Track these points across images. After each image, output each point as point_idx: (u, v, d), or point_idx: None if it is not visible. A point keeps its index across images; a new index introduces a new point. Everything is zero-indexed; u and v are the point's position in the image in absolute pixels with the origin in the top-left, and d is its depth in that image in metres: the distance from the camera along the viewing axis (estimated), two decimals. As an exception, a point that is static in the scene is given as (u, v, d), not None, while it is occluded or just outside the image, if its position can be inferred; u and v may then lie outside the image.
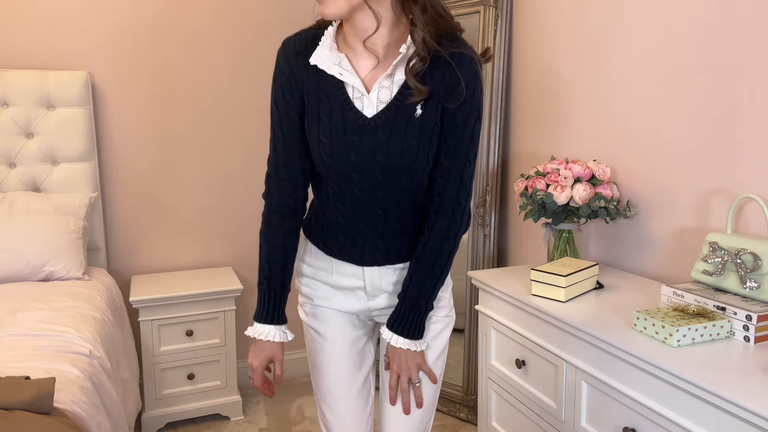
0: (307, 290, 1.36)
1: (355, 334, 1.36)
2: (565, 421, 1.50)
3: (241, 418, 2.59)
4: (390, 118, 1.14)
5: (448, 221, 1.21)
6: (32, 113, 2.38)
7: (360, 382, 1.36)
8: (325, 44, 1.16)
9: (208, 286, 2.49)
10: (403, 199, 1.22)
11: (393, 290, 1.31)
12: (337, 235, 1.29)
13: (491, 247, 2.41)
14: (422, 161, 1.17)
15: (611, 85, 1.91)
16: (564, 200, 1.77)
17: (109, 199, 2.62)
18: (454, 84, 1.13)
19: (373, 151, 1.15)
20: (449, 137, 1.16)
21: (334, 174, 1.21)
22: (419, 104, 1.13)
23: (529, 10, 2.25)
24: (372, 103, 1.14)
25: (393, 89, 1.14)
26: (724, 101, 1.57)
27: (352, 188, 1.21)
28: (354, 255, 1.28)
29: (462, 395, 2.52)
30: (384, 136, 1.14)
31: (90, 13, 2.51)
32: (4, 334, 1.69)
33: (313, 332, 1.36)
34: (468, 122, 1.16)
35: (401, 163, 1.16)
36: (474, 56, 1.14)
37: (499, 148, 2.37)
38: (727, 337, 1.31)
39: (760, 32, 1.47)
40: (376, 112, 1.14)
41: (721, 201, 1.60)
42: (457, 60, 1.12)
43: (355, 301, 1.32)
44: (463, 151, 1.17)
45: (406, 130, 1.14)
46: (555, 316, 1.49)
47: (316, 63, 1.15)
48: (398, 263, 1.29)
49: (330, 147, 1.17)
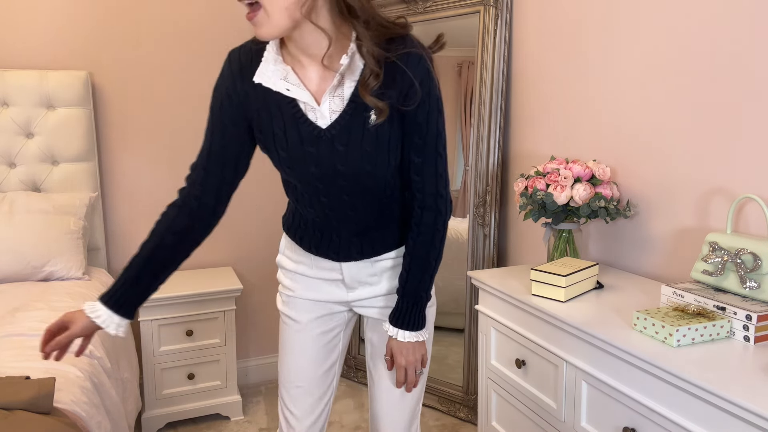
0: (288, 282, 1.40)
1: (328, 326, 1.40)
2: (565, 421, 1.50)
3: (241, 418, 2.59)
4: (345, 127, 1.14)
5: (434, 214, 1.23)
6: (32, 113, 2.38)
7: (321, 372, 1.40)
8: (269, 59, 1.14)
9: (208, 286, 2.49)
10: (372, 199, 1.24)
11: (371, 282, 1.35)
12: (313, 232, 1.31)
13: (491, 247, 2.41)
14: (383, 166, 1.17)
15: (611, 85, 1.91)
16: (564, 200, 1.77)
17: (109, 199, 2.62)
18: (407, 86, 1.12)
19: (332, 161, 1.16)
20: (416, 137, 1.17)
21: (298, 184, 1.23)
22: (373, 111, 1.12)
23: (529, 10, 2.25)
24: (324, 114, 1.14)
25: (344, 97, 1.13)
26: (724, 101, 1.57)
27: (318, 195, 1.24)
28: (330, 252, 1.31)
29: (462, 395, 2.52)
30: (341, 145, 1.14)
31: (90, 13, 2.51)
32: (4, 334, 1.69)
33: (286, 318, 1.40)
34: (430, 119, 1.16)
35: (362, 170, 1.17)
36: (423, 53, 1.13)
37: (499, 148, 2.37)
38: (727, 337, 1.31)
39: (760, 32, 1.47)
40: (330, 123, 1.14)
41: (721, 201, 1.60)
42: (407, 61, 1.11)
43: (335, 290, 1.37)
44: (432, 147, 1.18)
45: (363, 137, 1.14)
46: (555, 316, 1.49)
47: (261, 81, 1.13)
48: (374, 256, 1.32)
49: (289, 159, 1.18)
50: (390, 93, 1.12)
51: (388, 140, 1.16)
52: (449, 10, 2.46)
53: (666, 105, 1.73)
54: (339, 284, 1.36)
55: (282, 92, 1.13)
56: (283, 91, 1.13)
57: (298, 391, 1.40)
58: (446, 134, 1.22)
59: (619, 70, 1.88)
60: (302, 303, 1.38)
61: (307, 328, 1.38)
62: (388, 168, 1.19)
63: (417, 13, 2.55)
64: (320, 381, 1.41)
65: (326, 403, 1.43)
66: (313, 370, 1.39)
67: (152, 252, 1.21)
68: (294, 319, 1.39)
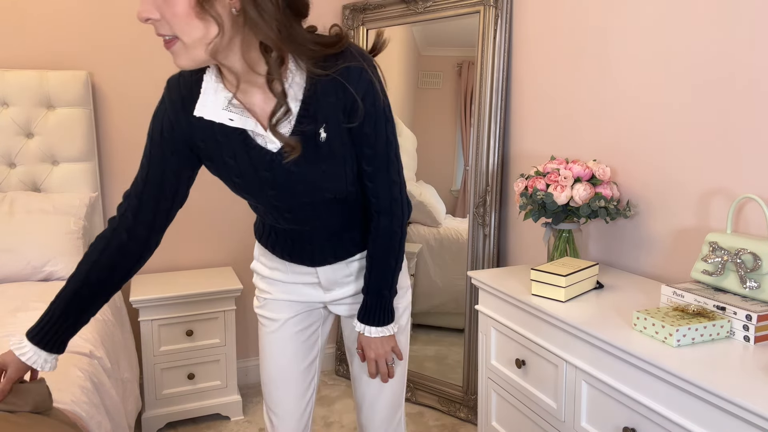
0: (264, 285, 1.41)
1: (305, 323, 1.42)
2: (565, 421, 1.50)
3: (241, 418, 2.59)
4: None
5: (390, 217, 1.24)
6: (32, 113, 2.38)
7: (301, 369, 1.41)
8: (209, 89, 1.08)
9: (208, 286, 2.49)
10: (336, 206, 1.25)
11: (347, 281, 1.37)
12: (284, 241, 1.32)
13: (491, 247, 2.41)
14: (340, 180, 1.17)
15: (611, 84, 1.91)
16: (564, 200, 1.77)
17: (109, 199, 2.62)
18: (350, 102, 1.10)
19: (289, 183, 1.14)
20: (366, 147, 1.16)
21: (259, 205, 1.23)
22: (322, 128, 1.10)
23: (529, 10, 2.25)
24: (273, 138, 1.10)
25: (291, 119, 1.09)
26: (724, 101, 1.57)
27: (281, 212, 1.24)
28: (304, 258, 1.32)
29: (462, 395, 2.52)
30: (295, 167, 1.12)
31: (90, 13, 2.51)
32: (4, 334, 1.69)
33: (264, 320, 1.42)
34: (378, 128, 1.14)
35: (320, 187, 1.16)
36: (362, 64, 1.09)
37: (499, 148, 2.37)
38: (727, 337, 1.31)
39: (760, 32, 1.47)
40: (281, 146, 1.10)
41: (721, 201, 1.60)
42: (347, 76, 1.08)
43: (312, 292, 1.38)
44: (383, 155, 1.17)
45: (316, 155, 1.12)
46: (555, 316, 1.49)
47: (202, 114, 1.08)
48: (348, 258, 1.34)
49: (245, 186, 1.17)
50: (334, 111, 1.09)
51: (342, 154, 1.14)
52: (449, 10, 2.46)
53: (666, 105, 1.73)
54: (315, 287, 1.38)
55: (225, 123, 1.08)
56: (227, 121, 1.08)
57: (279, 391, 1.41)
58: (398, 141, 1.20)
59: (619, 70, 1.88)
60: (279, 303, 1.40)
61: (284, 327, 1.40)
62: (346, 180, 1.18)
63: (417, 13, 2.55)
64: (301, 378, 1.42)
65: (308, 400, 1.44)
66: (293, 368, 1.40)
67: (79, 288, 1.14)
68: (271, 318, 1.40)
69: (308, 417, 1.45)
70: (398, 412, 1.46)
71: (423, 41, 2.63)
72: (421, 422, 2.54)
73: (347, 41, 1.09)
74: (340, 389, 2.86)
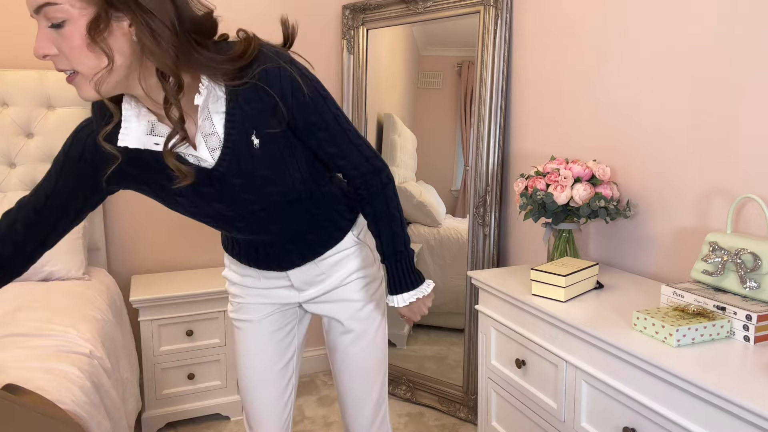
0: (237, 290, 1.41)
1: (280, 323, 1.42)
2: (565, 421, 1.50)
3: (241, 417, 2.59)
4: (232, 160, 1.09)
5: (375, 174, 1.25)
6: (32, 113, 2.38)
7: (278, 369, 1.42)
8: (130, 116, 1.06)
9: (208, 286, 2.49)
10: (290, 208, 1.23)
11: (320, 280, 1.37)
12: (248, 250, 1.33)
13: (491, 247, 2.41)
14: (286, 180, 1.15)
15: (611, 84, 1.91)
16: (564, 200, 1.77)
17: (109, 199, 2.62)
18: (274, 103, 1.08)
19: (233, 195, 1.13)
20: (320, 133, 1.15)
21: (208, 219, 1.20)
22: (253, 135, 1.08)
23: (529, 10, 2.25)
24: (205, 156, 1.08)
25: (219, 133, 1.07)
26: (724, 101, 1.57)
27: (234, 223, 1.22)
28: (272, 264, 1.33)
29: (462, 395, 2.52)
30: (235, 178, 1.11)
31: (90, 13, 2.51)
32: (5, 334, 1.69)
33: (238, 323, 1.42)
34: (321, 111, 1.13)
35: (265, 192, 1.14)
36: (279, 63, 1.07)
37: (499, 148, 2.37)
38: (727, 337, 1.31)
39: (760, 32, 1.47)
40: (215, 161, 1.09)
41: (721, 201, 1.60)
42: (266, 80, 1.06)
43: (286, 293, 1.39)
44: (338, 130, 1.17)
45: (254, 163, 1.10)
46: (555, 316, 1.49)
47: (126, 144, 1.05)
48: (315, 258, 1.33)
49: (189, 204, 1.15)
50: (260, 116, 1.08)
51: (281, 156, 1.13)
52: (449, 10, 2.46)
53: (666, 104, 1.73)
54: (289, 288, 1.38)
55: (152, 149, 1.06)
56: (152, 147, 1.06)
57: (257, 391, 1.41)
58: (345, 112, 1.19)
59: (619, 69, 1.88)
60: (253, 306, 1.40)
61: (259, 327, 1.40)
62: (293, 180, 1.17)
63: (417, 13, 2.55)
64: (278, 378, 1.41)
65: (287, 400, 1.44)
66: (270, 368, 1.41)
67: None
68: (246, 320, 1.40)
69: (288, 418, 1.45)
70: (382, 407, 1.46)
71: (423, 41, 2.63)
72: (421, 422, 2.54)
73: (257, 45, 1.06)
74: (340, 389, 2.86)
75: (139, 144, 1.06)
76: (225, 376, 2.55)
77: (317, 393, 2.82)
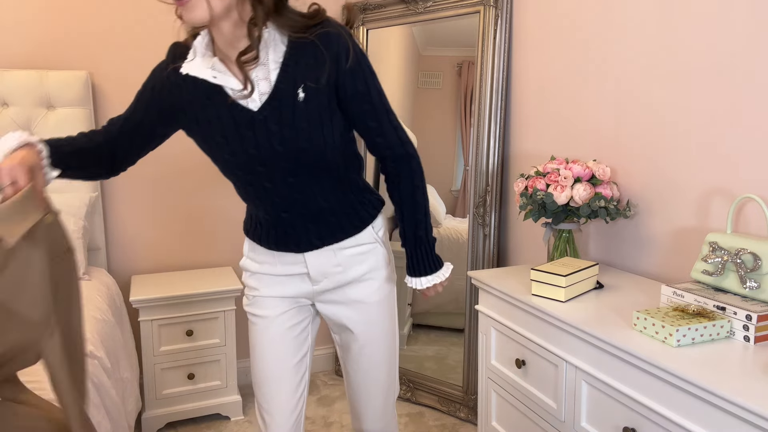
0: (253, 282, 1.44)
1: (295, 320, 1.44)
2: (565, 421, 1.50)
3: (241, 418, 2.59)
4: (275, 107, 1.20)
5: (407, 159, 1.32)
6: (32, 113, 2.38)
7: (293, 365, 1.43)
8: (197, 51, 1.21)
9: (208, 286, 2.49)
10: (318, 180, 1.28)
11: (336, 272, 1.39)
12: (269, 230, 1.37)
13: (491, 247, 2.41)
14: (319, 141, 1.23)
15: (611, 84, 1.91)
16: (564, 200, 1.77)
17: (109, 199, 2.62)
18: (326, 63, 1.20)
19: (269, 141, 1.21)
20: (364, 104, 1.25)
21: (240, 172, 1.27)
22: (300, 88, 1.19)
23: (529, 10, 2.25)
24: (254, 97, 1.20)
25: (271, 81, 1.20)
26: (724, 101, 1.57)
27: (262, 182, 1.27)
28: (290, 244, 1.36)
29: (462, 395, 2.52)
30: (274, 125, 1.20)
31: (90, 13, 2.51)
32: (4, 334, 1.69)
33: (254, 318, 1.44)
34: (369, 84, 1.24)
35: (298, 147, 1.22)
36: (340, 30, 1.21)
37: (499, 148, 2.37)
38: (727, 337, 1.31)
39: (760, 32, 1.47)
40: (261, 105, 1.20)
41: (721, 201, 1.60)
42: (326, 41, 1.19)
43: (301, 284, 1.41)
44: (381, 106, 1.27)
45: (294, 115, 1.20)
46: (555, 316, 1.49)
47: (188, 71, 1.20)
48: (334, 243, 1.37)
49: (227, 145, 1.24)
50: (311, 71, 1.20)
51: (320, 115, 1.22)
52: (449, 10, 2.46)
53: (666, 104, 1.73)
54: (304, 278, 1.40)
55: (209, 80, 1.19)
56: (210, 78, 1.19)
57: (272, 387, 1.42)
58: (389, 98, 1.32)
59: (618, 69, 1.88)
60: (269, 300, 1.42)
61: (275, 323, 1.42)
62: (325, 144, 1.24)
63: (417, 13, 2.55)
64: (292, 373, 1.43)
65: (300, 396, 1.45)
66: (285, 363, 1.42)
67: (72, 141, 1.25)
68: (261, 316, 1.42)
69: (300, 414, 1.46)
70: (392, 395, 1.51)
71: (423, 41, 2.63)
72: (421, 422, 2.54)
73: (325, 15, 1.21)
74: (340, 389, 2.86)
75: (199, 73, 1.19)
76: (225, 376, 2.56)
77: (317, 393, 2.82)
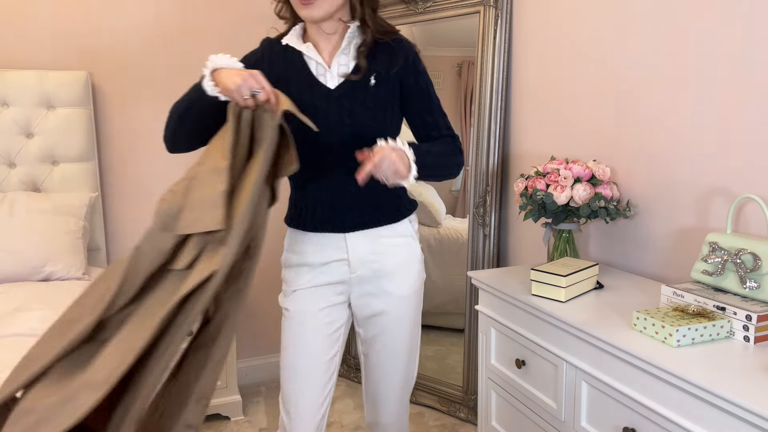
0: (292, 275, 1.49)
1: (330, 318, 1.48)
2: (565, 421, 1.50)
3: (241, 418, 2.59)
4: (349, 88, 1.42)
5: (453, 140, 1.51)
6: (32, 113, 2.38)
7: (325, 361, 1.47)
8: (294, 35, 1.47)
9: (208, 286, 2.48)
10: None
11: (374, 260, 1.47)
12: (315, 209, 1.46)
13: (491, 247, 2.41)
14: (381, 121, 1.44)
15: (611, 84, 1.91)
16: (564, 200, 1.77)
17: (109, 199, 2.62)
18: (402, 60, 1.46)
19: (340, 115, 1.41)
20: (424, 101, 1.49)
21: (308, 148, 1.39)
22: (372, 76, 1.43)
23: (529, 10, 2.25)
24: (333, 76, 1.43)
25: (349, 66, 1.44)
26: (724, 101, 1.57)
27: (323, 154, 1.42)
28: (335, 221, 1.44)
29: (462, 395, 2.52)
30: (347, 102, 1.42)
31: (90, 13, 2.51)
32: (5, 335, 1.69)
33: (290, 313, 1.48)
34: (429, 88, 1.50)
35: (363, 122, 1.42)
36: (409, 41, 1.51)
37: (499, 148, 2.37)
38: (727, 337, 1.31)
39: (760, 32, 1.47)
40: (338, 84, 1.43)
41: (721, 201, 1.60)
42: (399, 44, 1.48)
43: (339, 270, 1.47)
44: (436, 104, 1.51)
45: (365, 96, 1.42)
46: (555, 316, 1.49)
47: (288, 42, 1.45)
48: (377, 226, 1.46)
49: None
50: (384, 64, 1.45)
51: (384, 101, 1.44)
52: (449, 10, 2.46)
53: (666, 104, 1.73)
54: (343, 264, 1.46)
55: (302, 51, 1.44)
56: (304, 50, 1.43)
57: (300, 381, 1.45)
58: None
59: (618, 69, 1.88)
60: (307, 295, 1.46)
61: (311, 319, 1.46)
62: (384, 124, 1.45)
63: (417, 13, 2.55)
64: (324, 370, 1.46)
65: (327, 394, 1.48)
66: (317, 358, 1.45)
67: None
68: (298, 311, 1.46)
69: (325, 413, 1.49)
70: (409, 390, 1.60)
71: (423, 41, 2.63)
72: (421, 422, 2.54)
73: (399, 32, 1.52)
74: (341, 389, 2.86)
75: (295, 44, 1.44)
76: (225, 376, 2.55)
77: (317, 393, 2.82)
